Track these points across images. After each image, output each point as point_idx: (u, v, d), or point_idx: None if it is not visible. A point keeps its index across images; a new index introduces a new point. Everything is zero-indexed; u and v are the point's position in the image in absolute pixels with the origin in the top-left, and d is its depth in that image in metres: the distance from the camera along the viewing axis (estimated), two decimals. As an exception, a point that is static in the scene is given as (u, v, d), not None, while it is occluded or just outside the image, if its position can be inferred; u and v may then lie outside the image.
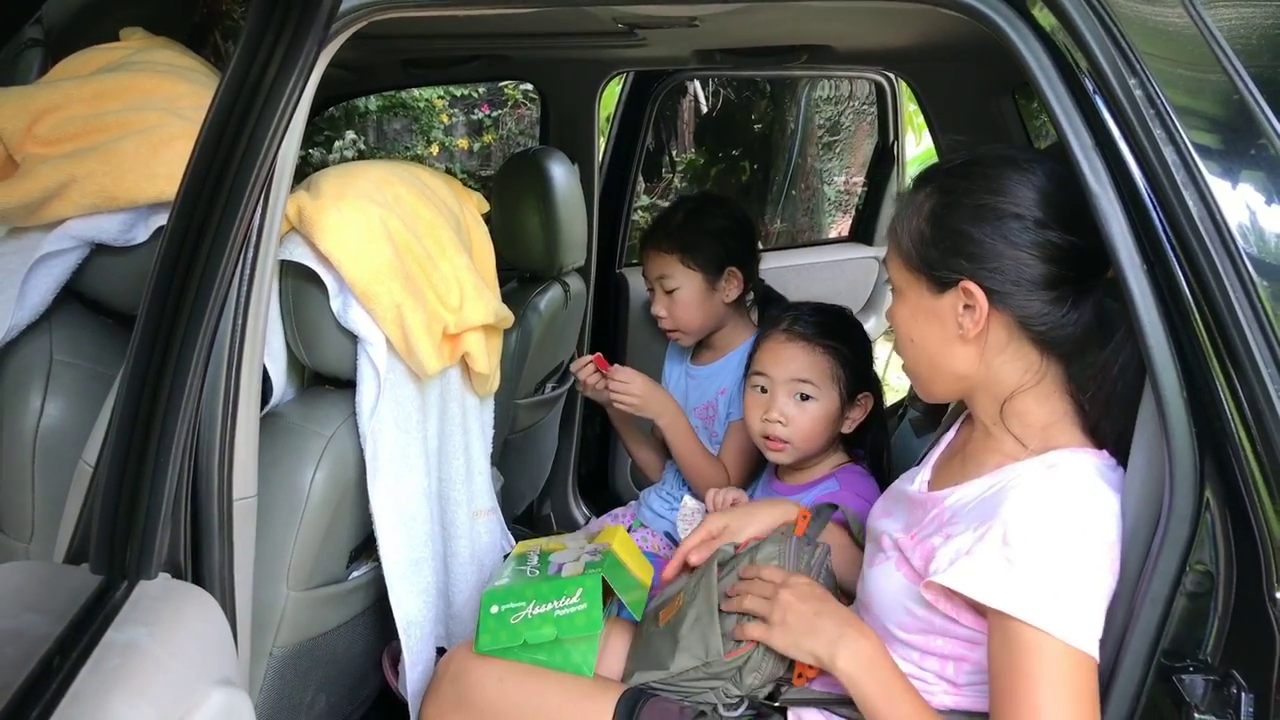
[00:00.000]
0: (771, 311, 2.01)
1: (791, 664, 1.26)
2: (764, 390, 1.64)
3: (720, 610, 1.31)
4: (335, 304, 1.36)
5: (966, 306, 1.11)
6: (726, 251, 1.95)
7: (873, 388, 1.66)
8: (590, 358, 1.97)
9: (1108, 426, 1.10)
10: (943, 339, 1.14)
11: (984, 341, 1.12)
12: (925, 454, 1.35)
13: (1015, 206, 1.08)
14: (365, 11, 1.11)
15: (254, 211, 0.92)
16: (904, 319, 1.19)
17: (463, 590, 1.67)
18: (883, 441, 1.75)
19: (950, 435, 1.32)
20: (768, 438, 1.63)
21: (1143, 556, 1.00)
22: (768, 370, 1.64)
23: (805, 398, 1.61)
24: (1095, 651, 1.01)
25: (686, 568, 1.44)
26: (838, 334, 1.64)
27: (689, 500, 1.61)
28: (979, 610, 1.07)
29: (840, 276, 3.35)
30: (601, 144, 2.86)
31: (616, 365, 1.96)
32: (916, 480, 1.27)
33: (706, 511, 1.58)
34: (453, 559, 1.65)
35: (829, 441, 1.64)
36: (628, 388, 1.91)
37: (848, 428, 1.64)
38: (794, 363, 1.62)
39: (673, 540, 1.97)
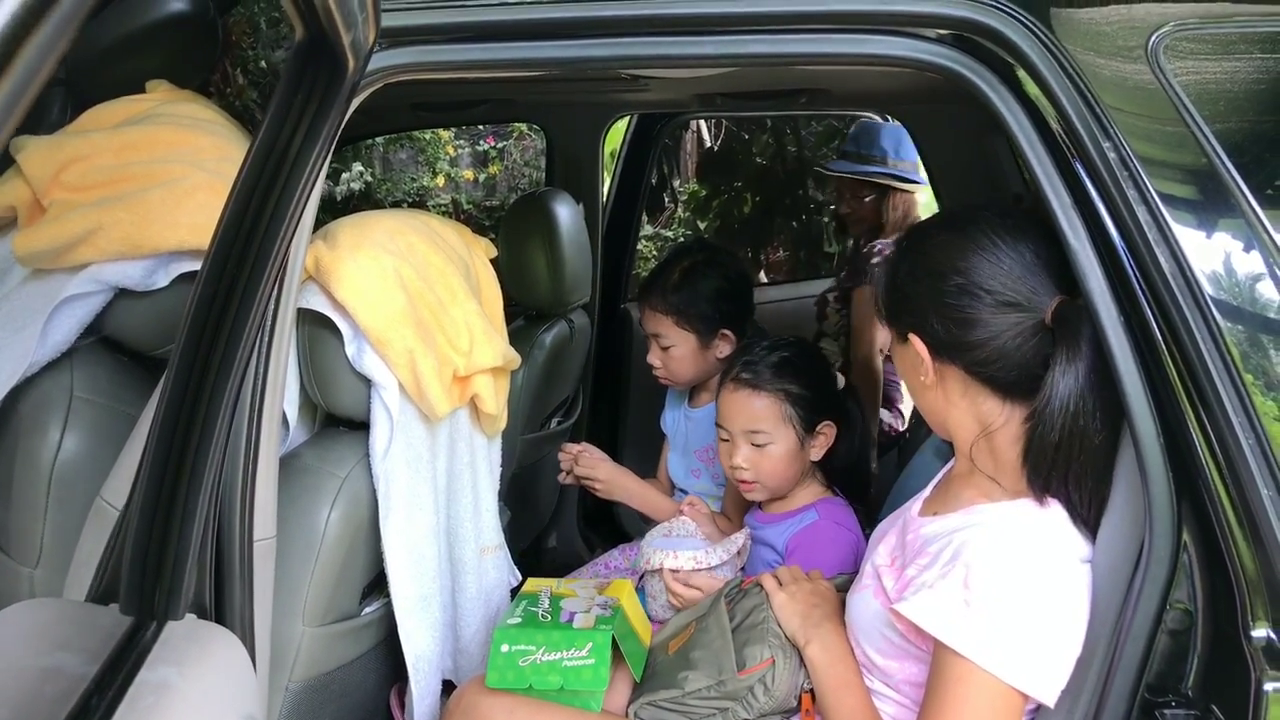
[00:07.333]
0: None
1: (800, 697, 1.30)
2: (727, 439, 1.71)
3: (733, 632, 1.36)
4: (350, 349, 1.41)
5: (921, 358, 1.17)
6: (720, 315, 1.97)
7: (834, 414, 1.70)
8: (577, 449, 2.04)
9: (1054, 481, 1.10)
10: (915, 383, 1.22)
11: (943, 389, 1.18)
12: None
13: (941, 266, 1.13)
14: (383, 75, 1.17)
15: (279, 270, 0.97)
16: (895, 359, 1.28)
17: (470, 625, 1.69)
18: (858, 463, 1.77)
19: (952, 461, 1.36)
20: (741, 481, 1.70)
21: (1124, 595, 1.03)
22: (724, 423, 1.70)
23: (760, 445, 1.65)
24: (1035, 690, 1.05)
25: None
26: (786, 373, 1.67)
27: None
28: None
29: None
30: (607, 181, 2.91)
31: (585, 449, 2.03)
32: (916, 504, 1.30)
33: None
34: (460, 594, 1.68)
35: (798, 474, 1.69)
36: (593, 474, 2.00)
37: (815, 455, 1.69)
38: (743, 414, 1.66)
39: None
